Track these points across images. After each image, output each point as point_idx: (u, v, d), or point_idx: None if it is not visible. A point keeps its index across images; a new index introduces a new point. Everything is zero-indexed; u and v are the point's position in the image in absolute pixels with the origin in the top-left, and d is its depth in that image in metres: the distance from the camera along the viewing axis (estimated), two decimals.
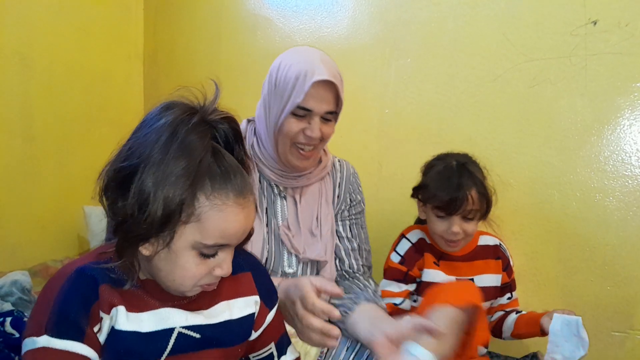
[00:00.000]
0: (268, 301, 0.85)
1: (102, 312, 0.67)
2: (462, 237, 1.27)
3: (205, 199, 0.66)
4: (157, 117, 0.67)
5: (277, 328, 0.87)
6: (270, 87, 1.10)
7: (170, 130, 0.65)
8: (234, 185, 0.67)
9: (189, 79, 2.10)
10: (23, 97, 1.79)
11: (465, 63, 1.51)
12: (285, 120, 1.08)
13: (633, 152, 1.32)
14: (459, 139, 1.52)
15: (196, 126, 0.66)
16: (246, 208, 0.69)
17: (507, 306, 1.35)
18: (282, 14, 1.87)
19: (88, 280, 0.68)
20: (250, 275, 0.83)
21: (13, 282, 1.44)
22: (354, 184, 1.28)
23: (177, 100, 0.70)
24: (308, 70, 1.05)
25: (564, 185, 1.39)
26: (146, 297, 0.72)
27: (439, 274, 1.32)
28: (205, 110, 0.69)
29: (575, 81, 1.35)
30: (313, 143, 1.10)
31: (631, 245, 1.32)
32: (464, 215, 1.24)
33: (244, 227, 0.70)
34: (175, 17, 2.17)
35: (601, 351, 1.38)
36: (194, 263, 0.68)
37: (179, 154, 0.64)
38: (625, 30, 1.29)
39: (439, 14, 1.54)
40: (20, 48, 1.77)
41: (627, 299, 1.34)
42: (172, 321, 0.72)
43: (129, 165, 0.65)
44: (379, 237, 1.70)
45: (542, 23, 1.39)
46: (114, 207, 0.67)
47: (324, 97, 1.07)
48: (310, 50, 1.15)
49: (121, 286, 0.69)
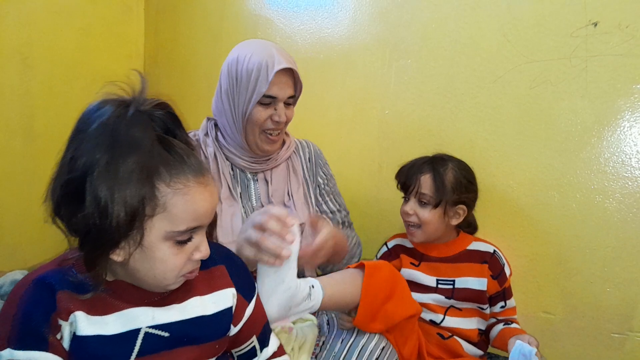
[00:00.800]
0: (246, 293, 0.83)
1: (60, 319, 0.66)
2: (416, 222, 1.32)
3: (166, 187, 0.64)
4: (90, 121, 0.64)
5: (258, 320, 0.85)
6: (231, 80, 1.19)
7: (109, 129, 0.62)
8: (190, 166, 0.67)
9: (189, 79, 2.11)
10: (24, 97, 1.79)
11: (466, 64, 1.51)
12: (254, 109, 1.18)
13: (633, 154, 1.32)
14: (459, 140, 1.52)
15: (134, 118, 0.64)
16: (208, 185, 0.69)
17: (500, 315, 1.35)
18: (283, 14, 1.87)
19: (45, 289, 0.67)
20: (224, 267, 0.82)
21: (13, 281, 1.44)
22: (322, 159, 1.43)
23: (106, 98, 0.68)
24: (269, 61, 1.15)
25: (564, 186, 1.39)
26: (111, 299, 0.70)
27: (415, 273, 1.36)
28: (138, 101, 0.67)
29: (576, 83, 1.35)
30: (280, 127, 1.23)
31: (631, 247, 1.32)
32: (417, 197, 1.31)
33: (211, 204, 0.70)
34: (176, 17, 2.17)
35: (601, 353, 1.38)
36: (171, 254, 0.67)
37: (126, 151, 0.61)
38: (626, 31, 1.29)
39: (439, 15, 1.54)
40: (21, 48, 1.77)
41: (626, 300, 1.34)
42: (138, 321, 0.71)
43: (76, 176, 0.62)
44: (378, 238, 1.70)
45: (542, 24, 1.39)
46: (73, 223, 0.64)
47: (285, 84, 1.19)
48: (263, 42, 1.24)
49: (84, 292, 0.67)
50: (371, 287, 1.02)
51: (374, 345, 1.04)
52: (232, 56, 1.21)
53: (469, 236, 1.40)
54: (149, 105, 0.68)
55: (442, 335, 1.30)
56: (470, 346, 1.32)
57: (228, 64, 1.21)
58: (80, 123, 0.66)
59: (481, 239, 1.39)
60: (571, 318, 1.41)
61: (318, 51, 1.79)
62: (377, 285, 1.03)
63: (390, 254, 1.45)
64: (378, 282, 1.03)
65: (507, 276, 1.34)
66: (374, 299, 1.02)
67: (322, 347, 1.08)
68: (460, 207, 1.32)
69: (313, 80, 1.76)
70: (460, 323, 1.32)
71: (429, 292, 1.34)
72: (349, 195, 1.53)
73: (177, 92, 2.17)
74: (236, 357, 0.87)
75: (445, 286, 1.33)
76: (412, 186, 1.32)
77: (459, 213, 1.32)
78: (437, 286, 1.34)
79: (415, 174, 1.32)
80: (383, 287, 1.04)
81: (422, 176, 1.31)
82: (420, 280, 1.35)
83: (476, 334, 1.33)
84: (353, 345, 1.04)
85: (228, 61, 1.22)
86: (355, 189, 1.71)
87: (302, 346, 1.08)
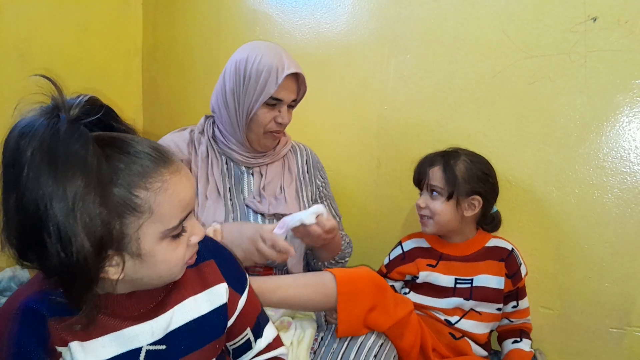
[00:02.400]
0: (237, 285, 0.82)
1: (57, 347, 0.63)
2: (428, 214, 1.33)
3: (145, 191, 0.61)
4: (19, 152, 0.55)
5: (251, 311, 0.84)
6: (238, 78, 1.21)
7: (46, 156, 0.54)
8: (155, 159, 0.63)
9: (188, 75, 2.10)
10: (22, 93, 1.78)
11: (465, 60, 1.50)
12: (259, 110, 1.21)
13: (632, 149, 1.32)
14: (458, 135, 1.52)
15: (69, 134, 0.55)
16: (181, 169, 0.66)
17: (512, 315, 1.36)
18: (282, 9, 1.86)
19: (35, 318, 0.63)
20: (214, 262, 0.80)
21: (11, 277, 1.44)
22: (320, 163, 1.48)
23: (26, 118, 0.58)
24: (279, 65, 1.19)
25: (563, 182, 1.39)
26: (105, 318, 0.66)
27: (433, 275, 1.35)
28: (65, 106, 0.59)
29: (575, 78, 1.35)
30: (282, 129, 1.28)
31: (629, 242, 1.33)
32: (429, 190, 1.32)
33: (191, 186, 0.68)
34: (175, 12, 2.16)
35: (598, 348, 1.38)
36: (171, 250, 0.66)
37: (70, 174, 0.54)
38: (625, 27, 1.29)
39: (438, 11, 1.54)
40: (19, 44, 1.77)
41: (624, 296, 1.34)
42: (137, 341, 0.68)
43: (27, 217, 0.55)
44: (376, 234, 1.70)
45: (541, 20, 1.38)
46: (45, 266, 0.57)
47: (291, 88, 1.24)
48: (273, 45, 1.27)
49: (72, 314, 0.62)
50: (348, 302, 1.03)
51: (373, 342, 1.04)
52: (241, 55, 1.22)
53: (487, 234, 1.39)
54: (77, 107, 0.60)
55: (453, 335, 1.29)
56: (478, 347, 1.31)
57: (236, 62, 1.22)
58: (8, 157, 0.56)
59: (499, 237, 1.39)
60: (569, 313, 1.42)
61: (316, 47, 1.78)
62: (355, 300, 1.03)
63: (405, 258, 1.42)
64: (355, 297, 1.04)
65: (522, 276, 1.34)
66: (350, 314, 1.02)
67: (321, 342, 1.08)
68: (475, 198, 1.31)
69: (311, 75, 1.74)
70: (475, 327, 1.30)
71: (447, 295, 1.32)
72: (347, 191, 1.53)
73: (175, 88, 2.17)
74: (231, 351, 0.86)
75: (464, 285, 1.31)
76: (424, 179, 1.33)
77: (473, 204, 1.31)
78: (455, 286, 1.32)
79: (426, 167, 1.34)
80: (362, 300, 1.04)
81: (432, 168, 1.32)
82: (439, 282, 1.33)
83: (486, 336, 1.33)
84: (352, 341, 1.04)
85: (236, 59, 1.22)
86: (353, 185, 1.71)
87: (300, 341, 1.08)
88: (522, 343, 1.33)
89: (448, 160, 1.32)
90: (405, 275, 1.41)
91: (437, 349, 1.24)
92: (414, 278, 1.38)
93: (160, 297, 0.72)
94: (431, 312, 1.33)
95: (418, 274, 1.36)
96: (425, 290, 1.35)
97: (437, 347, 1.24)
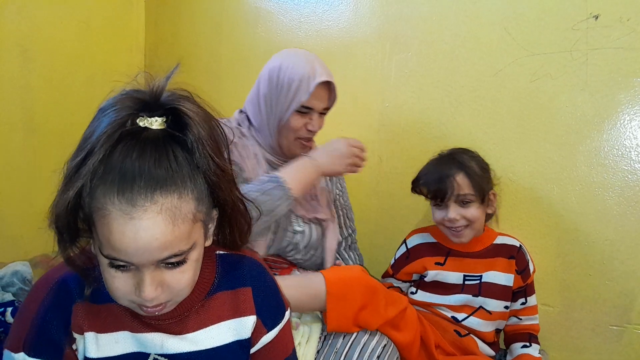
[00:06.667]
0: (268, 321, 0.75)
1: (75, 333, 0.65)
2: (464, 224, 1.27)
3: (96, 201, 0.58)
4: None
5: (278, 353, 0.77)
6: (271, 85, 1.23)
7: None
8: (123, 184, 0.56)
9: (190, 72, 2.10)
10: (24, 90, 1.79)
11: (466, 57, 1.50)
12: (291, 117, 1.22)
13: (633, 147, 1.32)
14: (459, 133, 1.52)
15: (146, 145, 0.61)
16: (136, 219, 0.55)
17: (520, 313, 1.35)
18: (284, 7, 1.86)
19: (66, 296, 0.65)
20: (250, 290, 0.74)
21: (14, 272, 1.45)
22: None
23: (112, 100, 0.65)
24: (310, 73, 1.20)
25: (564, 179, 1.40)
26: (125, 315, 0.67)
27: (441, 273, 1.34)
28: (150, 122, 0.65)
29: (576, 76, 1.35)
30: (312, 135, 1.29)
31: (630, 240, 1.33)
32: (458, 200, 1.26)
33: (136, 243, 0.56)
34: (177, 9, 2.16)
35: (599, 345, 1.39)
36: (110, 274, 0.60)
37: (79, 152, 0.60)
38: (627, 25, 1.29)
39: (440, 9, 1.54)
40: (21, 40, 1.77)
41: (625, 293, 1.34)
42: (148, 347, 0.67)
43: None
44: (378, 231, 1.71)
45: (543, 18, 1.38)
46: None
47: (323, 96, 1.25)
48: (307, 53, 1.29)
49: (99, 301, 0.65)
50: (337, 302, 1.03)
51: (376, 343, 1.04)
52: (274, 62, 1.25)
53: (494, 231, 1.39)
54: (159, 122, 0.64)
55: (459, 332, 1.28)
56: (485, 346, 1.30)
57: (270, 69, 1.24)
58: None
59: (505, 234, 1.39)
60: (570, 310, 1.42)
61: (318, 44, 1.78)
62: (344, 300, 1.04)
63: (409, 256, 1.40)
64: (344, 298, 1.04)
65: (530, 272, 1.34)
66: (339, 314, 1.03)
67: (324, 342, 1.08)
68: (492, 192, 1.31)
69: None
70: (482, 325, 1.29)
71: (455, 292, 1.31)
72: (348, 187, 1.53)
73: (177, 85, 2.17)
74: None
75: (472, 282, 1.31)
76: (450, 191, 1.25)
77: (491, 199, 1.32)
78: (463, 282, 1.31)
79: (447, 178, 1.26)
80: (351, 301, 1.04)
81: (456, 177, 1.26)
82: (447, 280, 1.32)
83: (493, 335, 1.32)
84: (355, 342, 1.04)
85: (270, 67, 1.25)
86: (354, 182, 1.71)
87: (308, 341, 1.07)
88: (531, 348, 1.32)
89: (462, 165, 1.28)
90: (412, 275, 1.40)
91: (441, 345, 1.23)
92: (421, 277, 1.38)
93: (186, 314, 0.69)
94: (437, 310, 1.32)
95: (425, 273, 1.36)
96: (433, 288, 1.34)
97: (441, 344, 1.23)
